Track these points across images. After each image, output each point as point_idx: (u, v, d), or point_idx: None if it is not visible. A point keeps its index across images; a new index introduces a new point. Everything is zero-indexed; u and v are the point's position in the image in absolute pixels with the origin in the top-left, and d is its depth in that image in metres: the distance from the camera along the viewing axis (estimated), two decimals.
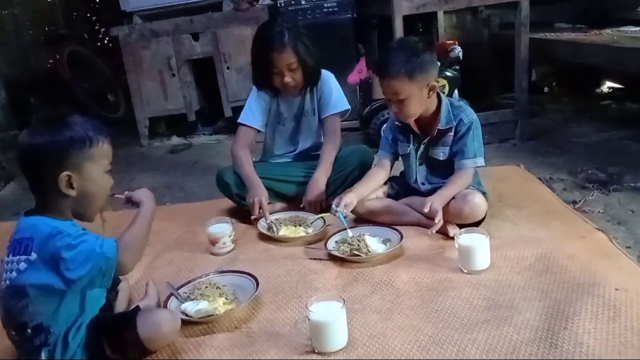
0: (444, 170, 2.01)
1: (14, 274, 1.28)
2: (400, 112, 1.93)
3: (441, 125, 1.97)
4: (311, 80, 2.30)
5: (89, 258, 1.25)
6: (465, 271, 1.68)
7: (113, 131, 1.42)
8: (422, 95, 1.90)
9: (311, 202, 2.23)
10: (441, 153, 2.00)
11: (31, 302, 1.28)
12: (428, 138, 2.01)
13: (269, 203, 2.23)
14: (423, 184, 2.07)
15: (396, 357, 1.32)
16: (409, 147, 2.06)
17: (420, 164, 2.06)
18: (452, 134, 1.96)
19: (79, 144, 1.31)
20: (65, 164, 1.30)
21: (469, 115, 1.96)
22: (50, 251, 1.25)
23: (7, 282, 1.29)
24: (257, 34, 2.31)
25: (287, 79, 2.22)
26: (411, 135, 2.05)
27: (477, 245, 1.68)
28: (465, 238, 1.70)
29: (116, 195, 1.49)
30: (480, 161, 1.95)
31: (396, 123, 2.08)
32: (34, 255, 1.26)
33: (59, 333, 1.31)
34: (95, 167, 1.35)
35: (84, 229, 1.32)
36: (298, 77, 2.24)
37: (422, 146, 2.03)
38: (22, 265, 1.27)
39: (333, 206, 1.98)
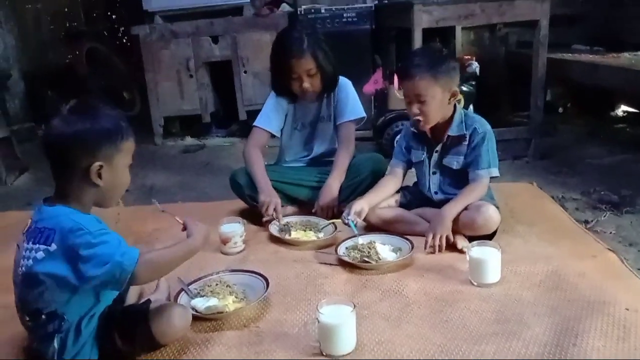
0: (458, 180, 2.02)
1: (31, 261, 1.28)
2: (421, 115, 1.93)
3: (452, 132, 1.98)
4: (329, 86, 2.32)
5: (106, 262, 1.24)
6: (475, 284, 1.69)
7: None
8: (444, 99, 1.93)
9: (323, 208, 2.24)
10: (455, 162, 2.01)
11: (47, 289, 1.28)
12: (441, 145, 2.02)
13: (281, 206, 2.24)
14: (436, 193, 2.07)
15: None
16: (423, 154, 2.07)
17: (433, 173, 2.07)
18: (466, 142, 1.98)
19: (114, 135, 1.32)
20: (98, 154, 1.30)
21: (483, 125, 1.98)
22: (69, 245, 1.25)
23: (23, 269, 1.30)
24: (276, 39, 2.33)
25: (306, 84, 2.24)
26: (425, 143, 2.07)
27: (488, 258, 1.68)
28: (476, 251, 1.70)
29: (176, 219, 1.51)
30: (495, 171, 1.96)
31: (412, 129, 2.09)
32: (53, 247, 1.26)
33: (72, 321, 1.31)
34: (123, 160, 1.36)
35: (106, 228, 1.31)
36: (316, 83, 2.26)
37: (435, 154, 2.04)
38: (40, 255, 1.27)
39: (344, 214, 1.99)
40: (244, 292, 1.65)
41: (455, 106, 2.01)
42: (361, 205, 1.99)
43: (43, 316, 1.31)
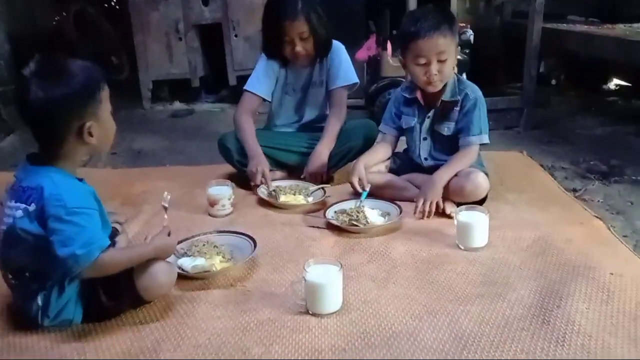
0: (448, 146, 2.01)
1: (12, 219, 1.27)
2: (440, 74, 1.89)
3: (445, 97, 1.97)
4: (322, 50, 2.28)
5: (66, 245, 1.21)
6: (463, 247, 1.69)
7: (115, 93, 1.39)
8: (456, 57, 1.94)
9: (312, 173, 2.23)
10: (446, 128, 2.00)
11: (28, 247, 1.27)
12: (433, 111, 2.01)
13: (270, 170, 2.22)
14: (426, 159, 2.06)
15: (389, 323, 1.33)
16: (414, 120, 2.06)
17: (424, 139, 2.05)
18: (457, 108, 1.96)
19: (92, 90, 1.29)
20: (84, 114, 1.28)
21: (475, 91, 1.97)
22: (44, 210, 1.23)
23: (4, 227, 1.29)
24: (269, 1, 2.28)
25: (298, 48, 2.20)
26: (416, 109, 2.05)
27: (476, 222, 1.68)
28: (464, 215, 1.70)
29: (165, 220, 1.54)
30: (485, 138, 1.96)
31: (403, 95, 2.07)
32: (32, 207, 1.24)
33: (55, 278, 1.30)
34: (106, 110, 1.34)
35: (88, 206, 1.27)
36: (309, 47, 2.22)
37: (427, 120, 2.03)
38: (19, 213, 1.26)
39: (355, 183, 1.98)
40: (232, 252, 1.65)
41: None
42: (360, 171, 1.99)
43: (26, 274, 1.31)
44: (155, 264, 1.36)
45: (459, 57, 3.07)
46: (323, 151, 2.25)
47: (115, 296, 1.35)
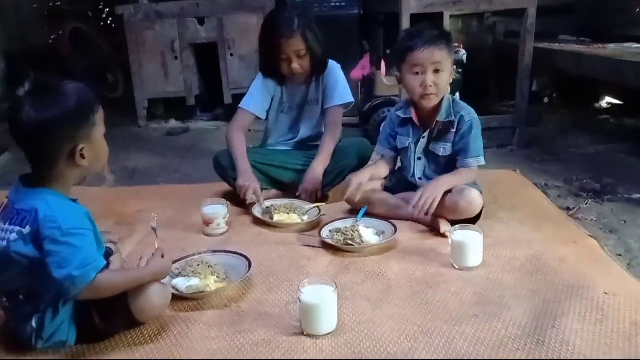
0: (442, 167, 2.03)
1: (5, 242, 1.26)
2: (435, 86, 1.92)
3: (440, 117, 1.99)
4: (318, 68, 2.30)
5: (62, 267, 1.20)
6: (457, 267, 1.69)
7: (110, 111, 1.40)
8: (451, 74, 1.96)
9: (307, 191, 2.23)
10: (442, 149, 2.02)
11: (23, 270, 1.27)
12: (428, 131, 2.03)
13: (264, 189, 2.23)
14: (420, 178, 2.07)
15: (384, 344, 1.32)
16: (408, 140, 2.07)
17: (418, 159, 2.07)
18: (454, 130, 1.99)
19: (86, 113, 1.29)
20: (77, 137, 1.28)
21: (471, 113, 1.99)
22: (39, 233, 1.23)
23: None
24: (266, 19, 2.30)
25: (295, 65, 2.22)
26: (411, 128, 2.07)
27: (470, 241, 1.69)
28: (459, 234, 1.71)
29: (156, 242, 1.56)
30: (482, 160, 1.99)
31: (398, 115, 2.09)
32: (27, 229, 1.24)
33: (49, 301, 1.29)
34: (99, 132, 1.34)
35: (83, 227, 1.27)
36: (306, 65, 2.24)
37: (421, 140, 2.04)
38: (14, 236, 1.25)
39: (353, 188, 2.00)
40: (226, 272, 1.64)
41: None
42: (356, 185, 2.01)
43: (20, 296, 1.30)
44: (150, 286, 1.35)
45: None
46: (318, 168, 2.26)
47: (109, 318, 1.34)
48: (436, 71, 1.92)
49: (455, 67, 2.01)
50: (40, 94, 1.26)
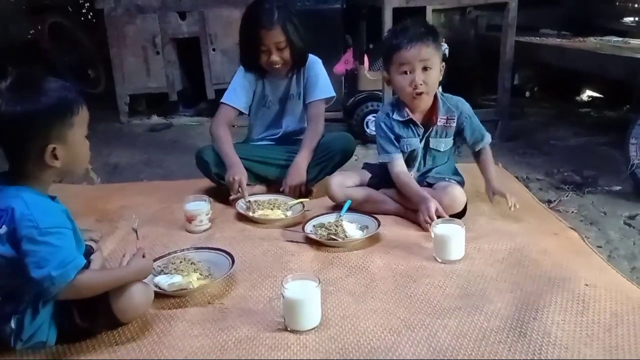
0: (441, 160, 2.06)
1: None
2: (425, 85, 1.91)
3: (441, 114, 1.99)
4: (298, 61, 2.29)
5: (41, 267, 1.19)
6: (440, 260, 1.70)
7: (92, 107, 1.36)
8: (439, 71, 1.95)
9: (291, 186, 2.23)
10: (443, 144, 2.03)
11: (1, 270, 1.24)
12: (432, 129, 2.01)
13: (248, 184, 2.22)
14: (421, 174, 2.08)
15: (368, 338, 1.33)
16: (415, 140, 2.03)
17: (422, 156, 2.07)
18: (454, 124, 2.00)
19: (64, 112, 1.26)
20: (49, 136, 1.24)
21: (465, 103, 2.04)
22: (16, 232, 1.21)
23: None
24: (246, 11, 2.29)
25: (275, 57, 2.21)
26: (413, 129, 2.03)
27: (452, 235, 1.70)
28: (441, 228, 1.72)
29: (137, 242, 1.54)
30: (489, 135, 2.08)
31: (396, 119, 2.02)
32: (3, 229, 1.21)
33: (29, 301, 1.27)
34: (77, 135, 1.30)
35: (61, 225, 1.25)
36: (286, 57, 2.23)
37: (425, 138, 2.03)
38: None
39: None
40: (209, 269, 1.63)
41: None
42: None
43: None
44: (131, 285, 1.34)
45: None
46: (302, 163, 2.25)
47: (90, 317, 1.32)
48: (425, 69, 1.90)
49: (444, 64, 1.98)
50: (18, 89, 1.24)
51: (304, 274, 1.45)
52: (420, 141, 2.03)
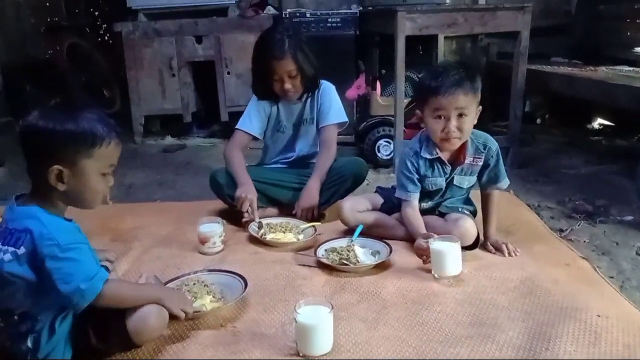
0: (459, 194, 2.05)
1: None
2: (459, 131, 1.85)
3: (469, 153, 1.95)
4: (310, 86, 2.35)
5: (68, 282, 1.22)
6: (437, 276, 1.74)
7: None
8: (475, 117, 1.89)
9: (303, 209, 2.25)
10: (466, 182, 2.01)
11: (17, 290, 1.26)
12: (459, 168, 1.98)
13: (260, 207, 2.24)
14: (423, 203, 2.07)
15: None
16: (441, 179, 2.00)
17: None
18: (481, 162, 1.97)
19: (80, 140, 1.27)
20: (59, 157, 1.26)
21: (493, 142, 1.97)
22: (37, 252, 1.23)
23: None
24: (258, 41, 2.35)
25: (287, 85, 2.26)
26: (441, 168, 1.99)
27: (448, 251, 1.74)
28: (437, 244, 1.76)
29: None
30: (507, 180, 2.02)
31: (424, 156, 1.96)
32: (22, 250, 1.24)
33: (45, 320, 1.29)
34: (92, 167, 1.30)
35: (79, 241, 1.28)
36: (298, 84, 2.29)
37: (450, 176, 2.00)
38: (8, 257, 1.24)
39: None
40: (222, 292, 1.64)
41: None
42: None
43: (15, 316, 1.28)
44: (147, 307, 1.35)
45: None
46: (314, 187, 2.28)
47: (105, 338, 1.34)
48: (460, 115, 1.84)
49: (480, 107, 1.90)
50: (54, 109, 1.29)
51: (317, 299, 1.46)
52: (446, 180, 2.00)
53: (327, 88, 2.41)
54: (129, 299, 1.35)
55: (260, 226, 2.15)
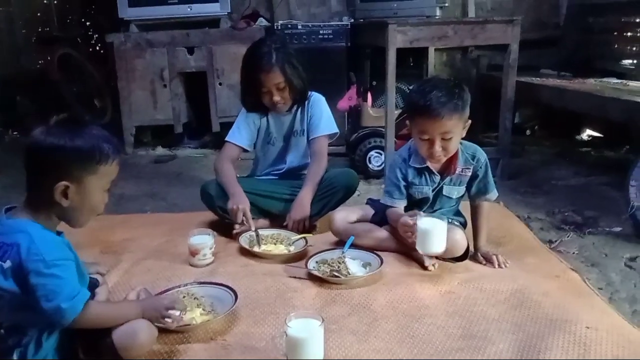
0: (449, 204, 2.05)
1: None
2: (444, 151, 1.85)
3: (460, 164, 1.95)
4: (299, 98, 2.36)
5: (50, 300, 1.21)
6: (421, 252, 1.80)
7: None
8: (462, 132, 1.88)
9: (295, 221, 2.25)
10: (455, 192, 2.01)
11: (5, 303, 1.25)
12: (448, 178, 1.98)
13: (252, 218, 2.24)
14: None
15: None
16: (428, 188, 2.00)
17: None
18: (470, 173, 1.97)
19: (87, 157, 1.29)
20: (66, 174, 1.28)
21: (482, 152, 1.99)
22: (22, 267, 1.22)
23: None
24: (246, 54, 2.36)
25: (276, 97, 2.28)
26: (428, 177, 2.00)
27: (433, 228, 1.77)
28: (423, 221, 1.79)
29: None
30: (496, 191, 2.03)
31: (413, 165, 1.98)
32: (7, 263, 1.23)
33: (32, 335, 1.28)
34: (96, 184, 1.33)
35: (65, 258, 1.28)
36: (286, 96, 2.30)
37: (438, 186, 2.01)
38: None
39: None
40: (212, 304, 1.64)
41: None
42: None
43: (1, 330, 1.28)
44: (135, 323, 1.35)
45: None
46: (305, 198, 2.28)
47: (93, 354, 1.33)
48: (445, 139, 1.83)
49: (469, 121, 1.88)
50: (62, 124, 1.29)
51: (307, 312, 1.46)
52: (434, 190, 2.01)
53: (317, 99, 2.42)
54: (109, 320, 1.33)
55: (257, 235, 2.15)
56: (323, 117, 2.41)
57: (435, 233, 1.77)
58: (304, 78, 2.32)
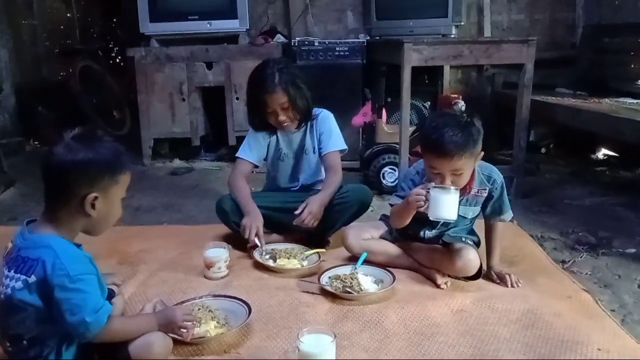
0: (463, 224, 2.05)
1: (9, 290, 1.29)
2: (454, 183, 1.84)
3: (476, 184, 1.96)
4: (303, 117, 2.40)
5: (75, 313, 1.26)
6: (431, 217, 1.81)
7: None
8: (474, 164, 1.90)
9: (310, 212, 2.19)
10: (470, 212, 2.02)
11: (27, 316, 1.29)
12: (464, 198, 1.96)
13: (265, 232, 2.27)
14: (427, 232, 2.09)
15: None
16: None
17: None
18: (486, 194, 1.98)
19: (114, 167, 1.35)
20: (96, 185, 1.32)
21: (498, 174, 1.99)
22: (47, 282, 1.26)
23: (2, 296, 1.31)
24: (250, 76, 2.41)
25: (281, 117, 2.33)
26: None
27: (446, 194, 1.78)
28: (436, 190, 1.79)
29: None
30: (511, 212, 2.04)
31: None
32: (32, 278, 1.27)
33: (53, 345, 1.32)
34: (118, 193, 1.38)
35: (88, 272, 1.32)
36: (291, 115, 2.35)
37: None
38: (19, 285, 1.28)
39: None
40: (226, 317, 1.67)
41: None
42: None
43: (24, 342, 1.31)
44: (151, 335, 1.39)
45: None
46: (323, 199, 2.26)
47: None
48: (455, 174, 1.84)
49: (482, 152, 1.88)
50: (81, 137, 1.34)
51: (320, 328, 1.48)
52: None
53: (325, 116, 2.47)
54: (127, 334, 1.37)
55: (266, 254, 2.18)
56: (333, 133, 2.45)
57: (447, 199, 1.77)
58: (308, 97, 2.36)
